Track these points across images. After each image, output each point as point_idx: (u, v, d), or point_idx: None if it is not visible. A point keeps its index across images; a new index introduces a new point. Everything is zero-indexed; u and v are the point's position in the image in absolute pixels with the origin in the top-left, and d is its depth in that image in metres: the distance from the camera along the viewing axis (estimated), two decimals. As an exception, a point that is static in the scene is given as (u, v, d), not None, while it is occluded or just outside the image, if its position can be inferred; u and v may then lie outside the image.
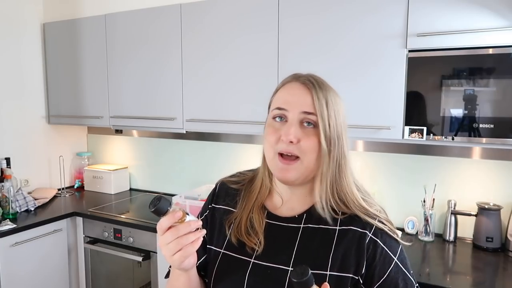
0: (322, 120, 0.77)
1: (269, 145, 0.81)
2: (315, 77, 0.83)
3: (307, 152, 0.78)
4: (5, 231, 2.15)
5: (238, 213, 0.89)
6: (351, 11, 1.83)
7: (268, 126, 0.83)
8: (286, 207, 0.87)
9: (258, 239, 0.84)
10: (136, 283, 2.37)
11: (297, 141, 0.77)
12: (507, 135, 1.57)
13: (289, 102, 0.80)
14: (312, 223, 0.83)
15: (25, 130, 2.81)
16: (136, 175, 3.05)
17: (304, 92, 0.80)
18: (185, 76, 2.31)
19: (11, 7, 2.70)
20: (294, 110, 0.79)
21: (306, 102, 0.79)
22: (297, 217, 0.85)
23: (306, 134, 0.78)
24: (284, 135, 0.77)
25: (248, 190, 0.91)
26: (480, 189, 1.97)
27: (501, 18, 1.56)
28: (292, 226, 0.84)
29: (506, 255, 1.80)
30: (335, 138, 0.79)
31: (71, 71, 2.77)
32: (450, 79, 1.65)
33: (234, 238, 0.86)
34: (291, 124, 0.78)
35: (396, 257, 0.80)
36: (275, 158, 0.80)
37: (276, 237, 0.84)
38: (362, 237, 0.79)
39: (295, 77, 0.84)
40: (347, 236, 0.80)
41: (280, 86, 0.86)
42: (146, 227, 2.22)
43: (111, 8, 2.66)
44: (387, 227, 0.81)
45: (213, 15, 2.19)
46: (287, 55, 2.00)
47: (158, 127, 2.48)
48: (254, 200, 0.89)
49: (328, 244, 0.80)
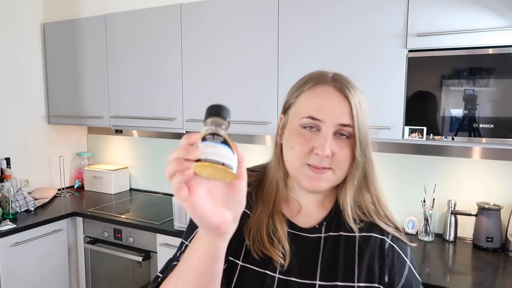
0: (358, 131, 0.72)
1: (297, 155, 0.74)
2: (348, 81, 0.76)
3: (340, 164, 0.73)
4: (5, 231, 2.15)
5: (255, 219, 0.79)
6: (351, 11, 1.83)
7: (295, 134, 0.75)
8: (303, 213, 0.81)
9: (283, 250, 0.76)
10: (136, 283, 2.37)
11: (332, 154, 0.72)
12: (507, 135, 1.57)
13: (324, 112, 0.72)
14: (332, 231, 0.79)
15: (25, 130, 2.81)
16: (136, 175, 3.05)
17: (341, 101, 0.72)
18: (185, 76, 2.31)
19: (11, 7, 2.70)
20: (330, 122, 0.72)
21: (343, 113, 0.72)
22: (317, 226, 0.79)
23: (340, 146, 0.73)
24: (321, 150, 0.70)
25: (261, 193, 0.82)
26: (480, 189, 1.97)
27: (501, 18, 1.56)
28: (314, 237, 0.79)
29: (506, 255, 1.80)
30: (366, 146, 0.74)
31: (71, 71, 2.77)
32: (450, 79, 1.65)
33: (256, 249, 0.76)
34: (326, 137, 0.71)
35: (408, 260, 0.79)
36: (304, 167, 0.73)
37: (299, 249, 0.78)
38: (383, 243, 0.77)
39: (326, 80, 0.76)
40: (369, 243, 0.77)
41: (306, 87, 0.76)
42: (146, 227, 2.22)
43: (111, 8, 2.66)
44: (398, 231, 0.79)
45: (213, 15, 2.19)
46: (287, 54, 2.00)
47: (158, 127, 2.48)
48: (272, 205, 0.80)
49: (352, 254, 0.77)
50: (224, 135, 0.52)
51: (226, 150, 0.50)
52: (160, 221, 2.26)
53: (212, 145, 0.50)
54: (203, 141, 0.51)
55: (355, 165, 0.74)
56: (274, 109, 2.05)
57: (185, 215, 2.13)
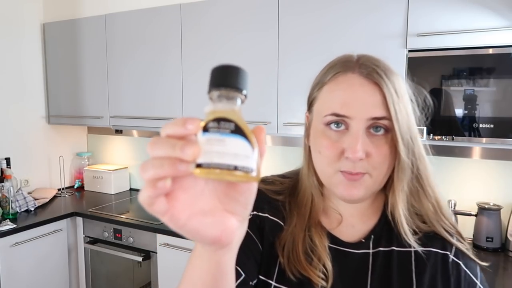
0: (397, 122, 0.59)
1: (327, 161, 0.62)
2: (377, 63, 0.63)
3: (377, 166, 0.60)
4: (5, 231, 2.15)
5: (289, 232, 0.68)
6: (351, 11, 1.83)
7: (320, 136, 0.63)
8: (345, 225, 0.69)
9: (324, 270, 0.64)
10: (136, 283, 2.37)
11: (367, 155, 0.59)
12: (507, 135, 1.57)
13: (351, 105, 0.59)
14: (382, 246, 0.66)
15: (25, 130, 2.81)
16: (136, 175, 3.04)
17: (371, 89, 0.60)
18: (185, 76, 2.31)
19: (11, 7, 2.70)
20: (359, 117, 0.59)
21: (374, 103, 0.59)
22: (364, 241, 0.67)
23: (376, 144, 0.60)
24: (351, 152, 0.58)
25: (296, 202, 0.70)
26: (480, 189, 1.97)
27: (501, 18, 1.56)
28: (361, 253, 0.67)
29: (506, 255, 1.80)
30: (410, 140, 0.61)
31: (71, 71, 2.77)
32: (450, 79, 1.65)
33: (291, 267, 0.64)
34: (357, 136, 0.59)
35: (479, 281, 0.66)
36: (337, 175, 0.62)
37: (344, 267, 0.66)
38: (445, 260, 0.65)
39: (350, 66, 0.62)
40: (429, 260, 0.64)
41: (328, 78, 0.64)
42: (146, 227, 2.22)
43: (111, 8, 2.66)
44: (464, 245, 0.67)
45: (213, 15, 2.19)
46: (287, 54, 2.00)
47: (158, 127, 2.48)
48: (308, 216, 0.68)
49: (408, 272, 0.64)
50: (236, 119, 0.34)
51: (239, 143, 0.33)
52: (160, 221, 2.24)
53: (218, 139, 0.33)
54: (204, 132, 0.34)
55: (401, 165, 0.61)
56: (274, 109, 2.05)
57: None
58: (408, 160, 0.61)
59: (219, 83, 0.38)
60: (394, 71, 0.63)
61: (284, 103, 2.02)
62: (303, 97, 0.72)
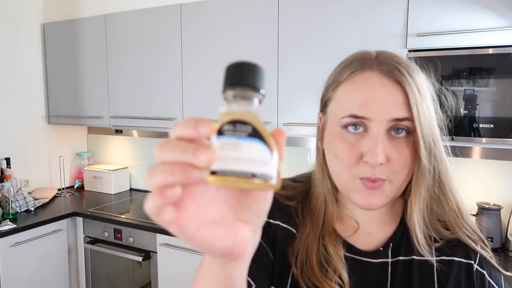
0: (420, 125, 0.55)
1: (344, 166, 0.58)
2: (399, 60, 0.58)
3: (398, 171, 0.56)
4: (5, 231, 2.15)
5: (302, 241, 0.64)
6: (351, 11, 1.83)
7: (337, 139, 0.58)
8: (362, 232, 0.65)
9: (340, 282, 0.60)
10: (136, 283, 2.37)
11: (387, 160, 0.55)
12: (507, 135, 1.57)
13: (370, 106, 0.55)
14: (401, 255, 0.63)
15: (25, 130, 2.81)
16: (136, 175, 3.05)
17: (392, 88, 0.55)
18: (185, 75, 2.31)
19: (11, 7, 2.70)
20: (380, 118, 0.55)
21: (396, 104, 0.55)
22: (382, 249, 0.64)
23: (397, 148, 0.56)
24: (371, 157, 0.54)
25: (308, 209, 0.66)
26: (480, 189, 1.97)
27: (501, 18, 1.56)
28: (379, 262, 0.63)
29: (506, 255, 1.80)
30: (432, 143, 0.57)
31: (71, 71, 2.77)
32: (450, 79, 1.65)
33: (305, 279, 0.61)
34: (377, 139, 0.54)
35: None
36: (355, 181, 0.57)
37: (361, 278, 0.62)
38: (469, 270, 0.61)
39: (368, 64, 0.58)
40: (452, 270, 0.61)
41: (344, 76, 0.59)
42: (146, 227, 2.22)
43: (111, 8, 2.66)
44: (488, 252, 0.63)
45: (212, 15, 2.19)
46: (286, 54, 2.00)
47: (158, 127, 2.48)
48: (322, 223, 0.64)
49: (430, 283, 0.61)
50: (253, 121, 0.31)
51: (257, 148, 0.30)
52: (160, 221, 2.25)
53: (234, 143, 0.30)
54: (218, 135, 0.31)
55: (421, 170, 0.57)
56: (274, 109, 2.05)
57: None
58: (429, 165, 0.57)
59: (235, 82, 0.33)
60: (417, 69, 0.59)
61: (284, 103, 2.02)
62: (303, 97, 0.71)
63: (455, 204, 0.62)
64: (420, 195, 0.59)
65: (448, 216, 0.62)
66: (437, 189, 0.60)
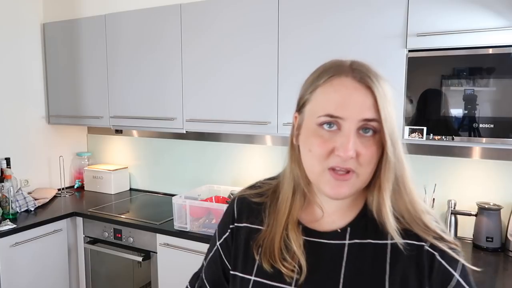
0: (386, 125, 0.63)
1: (316, 159, 0.65)
2: (369, 69, 0.66)
3: (365, 164, 0.64)
4: (5, 231, 2.15)
5: (268, 232, 0.73)
6: (351, 11, 1.83)
7: (313, 135, 0.66)
8: (326, 220, 0.73)
9: (297, 264, 0.69)
10: (136, 283, 2.37)
11: (356, 154, 0.63)
12: (507, 135, 1.57)
13: (345, 107, 0.63)
14: (358, 238, 0.70)
15: (25, 130, 2.81)
16: (136, 175, 3.05)
17: (363, 93, 0.63)
18: (185, 76, 2.31)
19: (11, 7, 2.70)
20: (352, 118, 0.63)
21: (366, 106, 0.63)
22: (340, 231, 0.71)
23: (365, 145, 0.64)
24: (343, 152, 0.62)
25: (276, 203, 0.75)
26: (480, 189, 1.97)
27: (501, 18, 1.56)
28: (336, 243, 0.70)
29: (506, 255, 1.80)
30: (395, 143, 0.65)
31: (71, 71, 2.77)
32: (450, 79, 1.65)
33: (267, 264, 0.71)
34: (349, 136, 0.63)
35: (457, 274, 0.68)
36: (325, 173, 0.65)
37: (318, 258, 0.70)
38: (420, 250, 0.67)
39: (344, 70, 0.66)
40: (404, 251, 0.67)
41: (322, 81, 0.67)
42: (146, 227, 2.22)
43: (111, 8, 2.66)
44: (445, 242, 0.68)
45: (213, 15, 2.19)
46: (287, 54, 2.00)
47: (158, 127, 2.48)
48: (287, 214, 0.73)
49: (382, 263, 0.67)
50: None
51: None
52: (160, 221, 2.26)
53: None
54: None
55: (388, 165, 0.65)
56: (274, 109, 2.05)
57: (185, 215, 2.13)
58: (394, 159, 0.65)
59: None
60: (383, 77, 0.66)
61: (284, 103, 2.02)
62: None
63: (408, 202, 0.68)
64: (389, 188, 0.66)
65: (401, 209, 0.68)
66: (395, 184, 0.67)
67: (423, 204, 0.70)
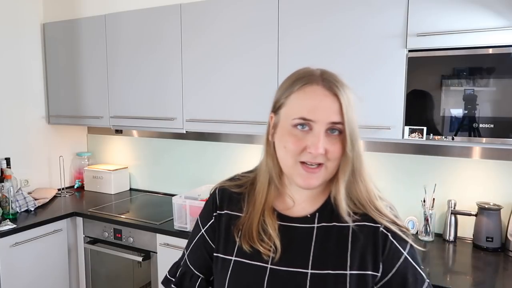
0: (348, 126, 0.75)
1: (290, 154, 0.77)
2: (336, 77, 0.78)
3: (332, 159, 0.76)
4: (5, 231, 2.15)
5: (246, 218, 0.85)
6: (351, 11, 1.83)
7: (288, 134, 0.77)
8: (297, 207, 0.85)
9: (272, 244, 0.81)
10: (136, 283, 2.37)
11: (325, 151, 0.75)
12: (507, 135, 1.57)
13: (315, 112, 0.74)
14: (325, 221, 0.82)
15: (25, 130, 2.81)
16: (136, 175, 3.05)
17: (331, 99, 0.75)
18: (185, 76, 2.31)
19: (11, 7, 2.70)
20: (321, 121, 0.74)
21: (333, 111, 0.74)
22: (309, 216, 0.83)
23: (332, 142, 0.75)
24: (314, 149, 0.73)
25: (253, 193, 0.87)
26: (480, 189, 1.97)
27: (501, 18, 1.56)
28: (306, 227, 0.82)
29: (506, 255, 1.80)
30: (355, 140, 0.77)
31: (71, 71, 2.77)
32: (450, 79, 1.65)
33: (247, 245, 0.82)
34: (319, 136, 0.74)
35: (405, 252, 0.79)
36: (297, 166, 0.77)
37: (291, 240, 0.82)
38: (376, 230, 0.79)
39: (315, 79, 0.77)
40: (362, 232, 0.79)
41: (296, 88, 0.78)
42: (146, 227, 2.22)
43: (111, 8, 2.66)
44: (397, 226, 0.80)
45: (213, 15, 2.19)
46: (287, 54, 2.00)
47: (158, 127, 2.48)
48: (264, 202, 0.84)
49: (345, 242, 0.79)
50: None
51: None
52: (160, 221, 2.26)
53: None
54: None
55: (346, 160, 0.77)
56: (274, 109, 2.05)
57: (185, 215, 2.13)
58: (351, 156, 0.76)
59: None
60: (348, 85, 0.77)
61: (284, 103, 2.01)
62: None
63: (365, 189, 0.80)
64: (345, 179, 0.79)
65: (359, 197, 0.80)
66: (353, 176, 0.79)
67: (377, 193, 0.82)
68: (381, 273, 0.78)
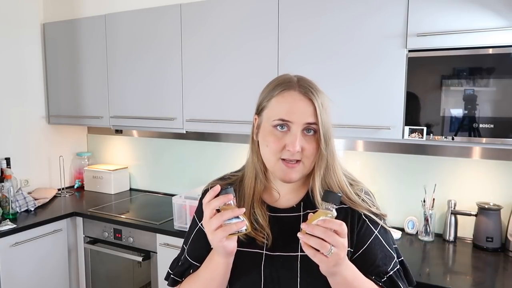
0: (322, 127, 0.85)
1: (272, 152, 0.87)
2: (311, 84, 0.88)
3: (309, 156, 0.86)
4: (5, 231, 2.15)
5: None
6: (351, 11, 1.83)
7: (269, 134, 0.87)
8: (283, 199, 0.95)
9: (265, 233, 0.90)
10: (136, 283, 2.37)
11: (302, 149, 0.85)
12: (507, 135, 1.57)
13: (293, 114, 0.85)
14: (309, 209, 0.90)
15: (25, 130, 2.81)
16: (136, 175, 3.05)
17: (306, 103, 0.85)
18: (185, 76, 2.31)
19: (11, 7, 2.70)
20: (298, 122, 0.84)
21: (308, 113, 0.84)
22: (295, 206, 0.94)
23: (308, 141, 0.85)
24: (292, 147, 0.83)
25: (243, 189, 0.96)
26: (480, 189, 1.97)
27: (501, 18, 1.56)
28: (293, 215, 0.93)
29: (506, 255, 1.80)
30: (328, 139, 0.86)
31: (71, 71, 2.77)
32: (450, 79, 1.65)
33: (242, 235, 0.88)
34: (296, 135, 0.84)
35: (376, 231, 0.90)
36: (279, 162, 0.87)
37: (281, 228, 0.91)
38: (353, 215, 0.90)
39: (292, 86, 0.87)
40: (341, 213, 0.87)
41: (276, 93, 0.88)
42: (146, 227, 2.22)
43: (111, 8, 2.66)
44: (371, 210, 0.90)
45: (213, 15, 2.19)
46: (287, 55, 2.00)
47: (158, 127, 2.48)
48: (252, 196, 0.94)
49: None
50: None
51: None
52: (160, 221, 2.26)
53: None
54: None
55: (321, 157, 0.87)
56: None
57: (185, 215, 2.13)
58: (326, 153, 0.87)
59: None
60: (322, 91, 0.88)
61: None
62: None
63: (337, 182, 0.91)
64: (320, 174, 0.89)
65: (334, 189, 0.90)
66: (327, 170, 0.90)
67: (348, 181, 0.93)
68: (354, 248, 0.88)
